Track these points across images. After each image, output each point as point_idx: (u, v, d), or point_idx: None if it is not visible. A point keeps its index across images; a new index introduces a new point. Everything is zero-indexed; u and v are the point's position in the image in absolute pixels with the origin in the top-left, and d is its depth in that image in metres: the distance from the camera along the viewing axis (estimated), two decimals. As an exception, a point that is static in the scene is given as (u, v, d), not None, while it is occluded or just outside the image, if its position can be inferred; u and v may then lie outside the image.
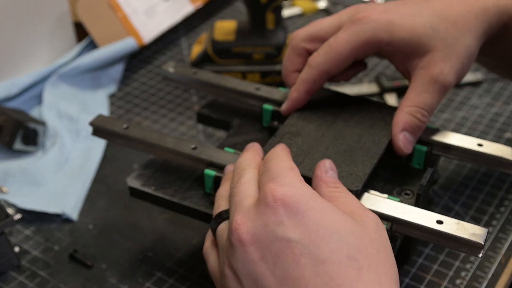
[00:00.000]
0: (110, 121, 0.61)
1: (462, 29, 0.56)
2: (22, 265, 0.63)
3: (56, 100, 0.82)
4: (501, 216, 0.66)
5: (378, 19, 0.56)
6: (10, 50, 0.84)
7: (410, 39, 0.56)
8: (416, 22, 0.56)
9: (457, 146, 0.57)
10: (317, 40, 0.60)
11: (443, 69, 0.55)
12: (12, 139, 0.75)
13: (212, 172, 0.55)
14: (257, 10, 0.83)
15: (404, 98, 0.57)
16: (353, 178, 0.51)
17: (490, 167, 0.57)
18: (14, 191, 0.71)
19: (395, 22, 0.56)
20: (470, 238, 0.47)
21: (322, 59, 0.58)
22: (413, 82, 0.56)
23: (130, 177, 0.59)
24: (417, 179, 0.56)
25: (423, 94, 0.55)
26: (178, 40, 1.00)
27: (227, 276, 0.45)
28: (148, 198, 0.58)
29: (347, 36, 0.57)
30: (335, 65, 0.58)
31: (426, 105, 0.56)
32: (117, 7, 0.90)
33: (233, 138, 0.63)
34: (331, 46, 0.58)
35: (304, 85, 0.59)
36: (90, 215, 0.69)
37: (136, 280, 0.62)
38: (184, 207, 0.56)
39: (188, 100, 0.86)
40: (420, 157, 0.58)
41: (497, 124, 0.79)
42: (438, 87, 0.55)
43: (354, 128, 0.57)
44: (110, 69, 0.90)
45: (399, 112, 0.56)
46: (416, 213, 0.49)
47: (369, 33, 0.57)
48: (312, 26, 0.61)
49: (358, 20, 0.57)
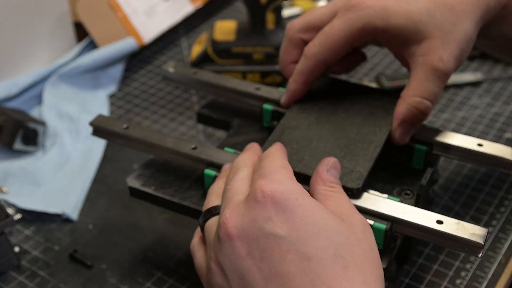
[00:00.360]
0: (110, 121, 0.61)
1: (460, 14, 0.54)
2: (22, 265, 0.63)
3: (56, 100, 0.82)
4: (501, 216, 0.66)
5: (373, 5, 0.55)
6: (10, 50, 0.84)
7: (405, 25, 0.55)
8: (411, 8, 0.55)
9: (457, 146, 0.57)
10: (312, 29, 0.60)
11: (442, 56, 0.54)
12: (12, 139, 0.75)
13: (212, 172, 0.55)
14: (257, 10, 0.83)
15: (406, 88, 0.56)
16: (354, 175, 0.51)
17: (490, 167, 0.57)
18: (14, 191, 0.71)
19: (390, 8, 0.55)
20: (470, 238, 0.47)
21: (317, 49, 0.57)
22: (413, 71, 0.55)
23: (130, 177, 0.59)
24: (417, 179, 0.56)
25: (425, 83, 0.54)
26: (178, 40, 1.00)
27: (213, 270, 0.45)
28: (148, 198, 0.58)
29: (341, 23, 0.56)
30: (331, 54, 0.57)
31: (429, 94, 0.55)
32: (117, 7, 0.90)
33: (233, 138, 0.63)
34: (326, 35, 0.57)
35: (302, 76, 0.59)
36: (90, 215, 0.69)
37: (136, 280, 0.62)
38: (184, 207, 0.56)
39: (188, 100, 0.86)
40: (420, 157, 0.57)
41: (497, 124, 0.79)
42: (439, 74, 0.54)
43: (355, 119, 0.57)
44: (110, 69, 0.90)
45: (402, 103, 0.55)
46: (416, 213, 0.49)
47: (364, 19, 0.55)
48: (307, 16, 0.60)
49: (352, 7, 0.56)
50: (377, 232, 0.49)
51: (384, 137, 0.55)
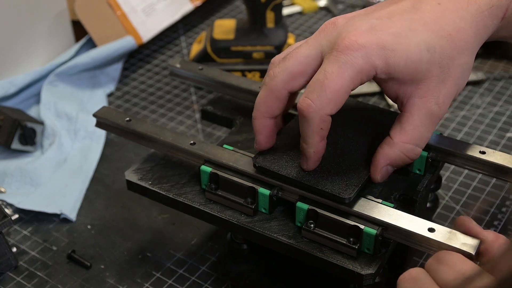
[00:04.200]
0: (113, 113, 0.61)
1: (458, 45, 0.51)
2: (20, 265, 0.63)
3: (54, 99, 0.82)
4: (503, 216, 0.66)
5: (368, 44, 0.49)
6: (8, 48, 0.84)
7: (405, 67, 0.50)
8: (411, 45, 0.49)
9: (459, 153, 0.56)
10: (298, 77, 0.52)
11: (438, 98, 0.51)
12: (10, 138, 0.74)
13: (208, 169, 0.55)
14: (256, 9, 0.83)
15: (399, 132, 0.52)
16: (346, 187, 0.51)
17: (492, 175, 0.56)
18: (12, 191, 0.71)
19: (387, 46, 0.49)
20: (461, 248, 0.46)
21: (318, 105, 0.49)
22: (407, 113, 0.51)
23: (128, 171, 0.59)
24: (416, 184, 0.56)
25: (420, 128, 0.51)
26: (177, 39, 0.99)
27: None
28: (145, 192, 0.58)
29: (337, 69, 0.49)
30: (334, 105, 0.50)
31: (422, 140, 0.52)
32: (116, 6, 0.89)
33: (235, 136, 0.63)
34: (323, 86, 0.49)
35: (318, 144, 0.52)
36: (88, 215, 0.69)
37: (135, 281, 0.61)
38: (179, 203, 0.56)
39: (187, 100, 0.86)
40: (420, 162, 0.57)
41: (499, 123, 0.79)
42: (434, 119, 0.51)
43: (353, 134, 0.57)
44: (109, 68, 0.89)
45: (392, 147, 0.52)
46: (409, 220, 0.49)
47: (361, 61, 0.49)
48: (290, 62, 0.52)
49: (345, 49, 0.49)
50: (367, 236, 0.49)
51: None
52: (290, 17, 1.04)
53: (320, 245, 0.51)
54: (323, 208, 0.51)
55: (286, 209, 0.54)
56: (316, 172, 0.52)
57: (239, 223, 0.53)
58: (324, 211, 0.51)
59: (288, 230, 0.53)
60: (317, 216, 0.51)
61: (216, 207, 0.55)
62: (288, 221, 0.53)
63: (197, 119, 0.82)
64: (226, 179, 0.54)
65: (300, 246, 0.51)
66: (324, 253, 0.50)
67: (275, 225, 0.53)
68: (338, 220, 0.50)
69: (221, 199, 0.55)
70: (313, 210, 0.51)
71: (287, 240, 0.52)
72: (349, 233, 0.50)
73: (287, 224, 0.53)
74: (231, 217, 0.54)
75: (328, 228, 0.51)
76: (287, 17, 1.04)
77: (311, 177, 0.52)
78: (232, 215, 0.54)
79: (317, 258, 0.51)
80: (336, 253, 0.50)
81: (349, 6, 1.07)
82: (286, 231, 0.52)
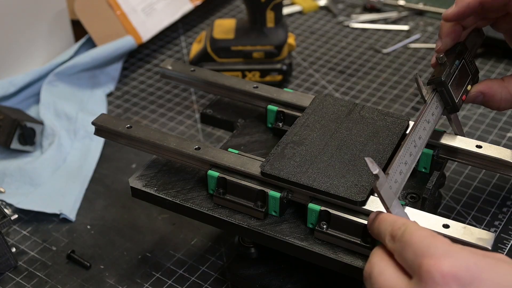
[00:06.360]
0: (113, 120, 0.60)
1: None
2: (19, 265, 0.63)
3: (53, 99, 0.82)
4: (503, 217, 0.66)
5: None
6: (8, 48, 0.83)
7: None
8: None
9: (461, 149, 0.57)
10: None
11: None
12: (10, 138, 0.74)
13: (215, 173, 0.54)
14: (256, 8, 0.83)
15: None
16: (358, 189, 0.51)
17: (489, 169, 0.56)
18: (11, 191, 0.71)
19: None
20: (477, 243, 0.46)
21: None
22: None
23: (132, 178, 0.58)
24: (423, 182, 0.56)
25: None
26: (177, 39, 0.99)
27: None
28: (150, 199, 0.57)
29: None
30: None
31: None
32: (116, 5, 0.89)
33: (237, 139, 0.63)
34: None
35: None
36: (88, 215, 0.69)
37: (134, 281, 0.61)
38: (187, 209, 0.56)
39: (187, 100, 0.86)
40: (426, 160, 0.57)
41: (499, 123, 0.79)
42: None
43: (358, 137, 0.57)
44: (108, 68, 0.89)
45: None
46: (422, 217, 0.49)
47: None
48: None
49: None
50: None
51: (388, 155, 0.55)
52: (290, 16, 1.04)
53: (333, 246, 0.51)
54: (335, 208, 0.51)
55: (295, 211, 0.54)
56: (326, 176, 0.52)
57: (250, 227, 0.53)
58: (337, 212, 0.51)
59: (299, 232, 0.52)
60: (329, 217, 0.51)
61: (225, 212, 0.55)
62: (299, 223, 0.53)
63: (197, 119, 0.82)
64: (235, 183, 0.54)
65: (313, 248, 0.51)
66: (337, 254, 0.50)
67: (286, 228, 0.53)
68: (351, 220, 0.50)
69: (229, 204, 0.55)
70: (325, 211, 0.51)
71: (299, 242, 0.51)
72: (363, 232, 0.50)
73: (298, 226, 0.53)
74: (241, 221, 0.54)
75: (341, 229, 0.51)
76: (287, 16, 1.03)
77: (322, 182, 0.51)
78: (242, 219, 0.54)
79: (330, 260, 0.50)
80: (349, 253, 0.50)
81: (349, 6, 1.06)
82: (297, 233, 0.52)
